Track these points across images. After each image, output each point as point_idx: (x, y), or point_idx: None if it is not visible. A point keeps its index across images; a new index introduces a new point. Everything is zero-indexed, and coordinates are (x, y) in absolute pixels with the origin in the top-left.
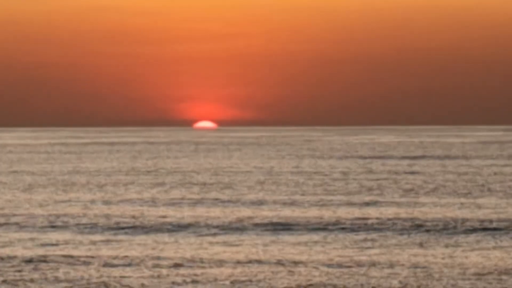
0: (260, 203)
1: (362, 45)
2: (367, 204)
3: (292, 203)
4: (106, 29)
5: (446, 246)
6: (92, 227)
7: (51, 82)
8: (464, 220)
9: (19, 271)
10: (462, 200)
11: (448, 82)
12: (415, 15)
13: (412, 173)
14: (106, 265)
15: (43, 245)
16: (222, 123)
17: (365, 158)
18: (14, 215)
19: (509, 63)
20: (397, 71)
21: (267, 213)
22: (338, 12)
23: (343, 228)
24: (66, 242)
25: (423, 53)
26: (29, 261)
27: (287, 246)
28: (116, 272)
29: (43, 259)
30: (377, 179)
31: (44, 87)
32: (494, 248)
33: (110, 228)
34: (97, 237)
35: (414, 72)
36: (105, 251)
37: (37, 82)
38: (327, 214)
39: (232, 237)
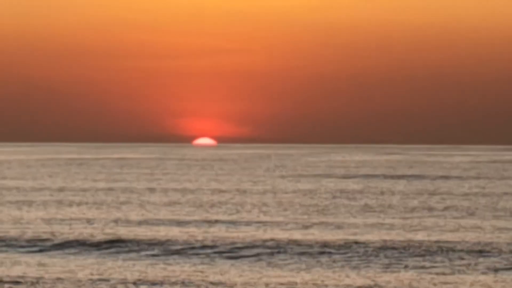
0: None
1: (364, 62)
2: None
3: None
4: (105, 44)
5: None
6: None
7: (54, 97)
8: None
9: None
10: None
11: (450, 100)
12: (418, 32)
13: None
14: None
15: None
16: (221, 139)
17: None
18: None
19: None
20: (401, 88)
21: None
22: (340, 28)
23: (331, 251)
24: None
25: (428, 71)
26: None
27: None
28: None
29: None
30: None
31: (47, 102)
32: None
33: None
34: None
35: (420, 90)
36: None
37: (39, 96)
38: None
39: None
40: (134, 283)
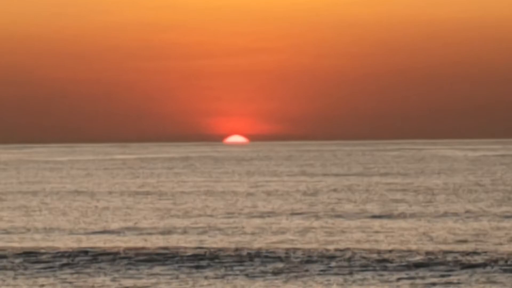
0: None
1: (390, 60)
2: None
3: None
4: (135, 45)
5: None
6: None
7: (80, 98)
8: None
9: None
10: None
11: (480, 96)
12: (439, 28)
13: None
14: None
15: None
16: (252, 137)
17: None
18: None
19: None
20: (426, 85)
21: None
22: (366, 26)
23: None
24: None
25: (454, 67)
26: None
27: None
28: None
29: None
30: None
31: (73, 103)
32: None
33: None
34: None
35: (444, 86)
36: None
37: (66, 98)
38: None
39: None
40: None
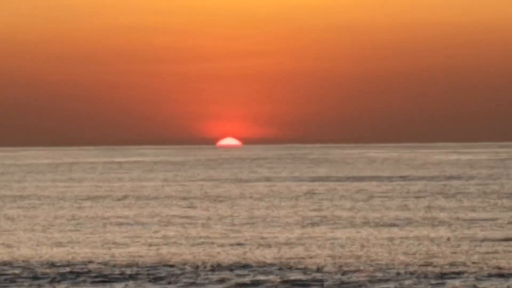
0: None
1: (390, 63)
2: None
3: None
4: (130, 48)
5: None
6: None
7: (76, 101)
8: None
9: None
10: None
11: (477, 100)
12: (438, 31)
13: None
14: None
15: None
16: (246, 140)
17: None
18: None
19: None
20: (424, 88)
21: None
22: (365, 30)
23: None
24: None
25: (453, 70)
26: None
27: None
28: None
29: None
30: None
31: (68, 106)
32: None
33: None
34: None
35: (443, 89)
36: None
37: (62, 101)
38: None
39: None
40: None
